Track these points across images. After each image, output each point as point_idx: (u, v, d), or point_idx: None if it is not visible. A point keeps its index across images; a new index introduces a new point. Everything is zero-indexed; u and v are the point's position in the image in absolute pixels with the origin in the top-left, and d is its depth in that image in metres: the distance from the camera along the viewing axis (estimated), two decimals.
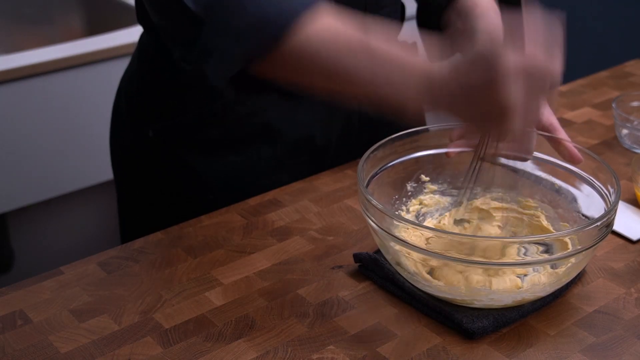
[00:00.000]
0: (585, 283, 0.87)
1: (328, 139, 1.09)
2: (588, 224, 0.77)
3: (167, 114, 1.07)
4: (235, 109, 1.04)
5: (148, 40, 1.07)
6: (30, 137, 1.70)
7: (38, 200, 1.75)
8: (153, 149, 1.09)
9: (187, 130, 1.06)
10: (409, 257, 0.81)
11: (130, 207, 1.18)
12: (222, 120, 1.04)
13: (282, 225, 0.97)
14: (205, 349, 0.77)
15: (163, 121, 1.07)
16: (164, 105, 1.07)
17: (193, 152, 1.06)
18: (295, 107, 1.05)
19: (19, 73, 1.62)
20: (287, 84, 0.86)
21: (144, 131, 1.08)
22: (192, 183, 1.07)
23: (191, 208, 1.06)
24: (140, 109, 1.10)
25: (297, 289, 0.85)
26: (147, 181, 1.12)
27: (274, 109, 1.04)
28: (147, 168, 1.11)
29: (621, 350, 0.77)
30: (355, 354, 0.76)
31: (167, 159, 1.08)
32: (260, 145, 1.06)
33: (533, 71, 0.73)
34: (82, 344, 0.78)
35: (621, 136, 1.16)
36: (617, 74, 1.42)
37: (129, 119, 1.12)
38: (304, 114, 1.05)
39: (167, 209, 1.10)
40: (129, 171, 1.15)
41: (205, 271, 0.88)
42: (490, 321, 0.79)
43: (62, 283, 0.86)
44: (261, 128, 1.05)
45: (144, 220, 1.14)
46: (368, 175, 0.87)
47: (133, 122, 1.11)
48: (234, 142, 1.05)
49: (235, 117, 1.04)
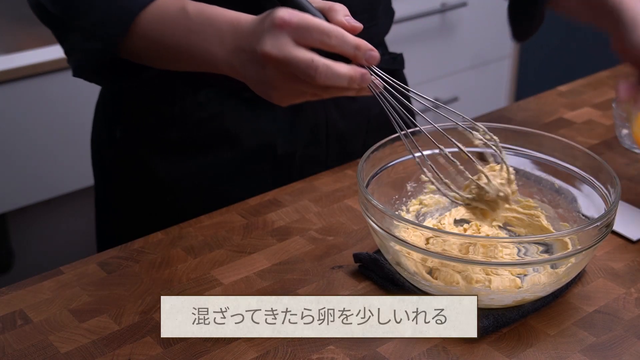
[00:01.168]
0: (585, 283, 0.87)
1: (292, 149, 1.08)
2: (588, 224, 0.77)
3: (132, 115, 1.08)
4: (194, 113, 1.04)
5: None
6: (30, 137, 1.70)
7: (38, 200, 1.75)
8: (121, 151, 1.10)
9: (149, 131, 1.07)
10: (409, 257, 0.81)
11: (105, 212, 1.18)
12: (181, 123, 1.05)
13: (282, 225, 0.97)
14: (205, 349, 0.77)
15: (128, 122, 1.08)
16: (128, 106, 1.08)
17: (154, 154, 1.07)
18: (255, 114, 1.04)
19: (19, 73, 1.62)
20: (154, 66, 0.92)
21: (113, 132, 1.10)
22: (154, 185, 1.08)
23: (156, 212, 1.07)
24: (111, 109, 1.12)
25: (297, 289, 0.85)
26: (119, 184, 1.13)
27: (233, 114, 1.04)
28: (117, 170, 1.12)
29: (621, 350, 0.77)
30: (355, 354, 0.76)
31: (133, 161, 1.09)
32: (219, 151, 1.05)
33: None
34: (82, 344, 0.78)
35: (621, 136, 1.16)
36: (617, 74, 1.42)
37: (103, 120, 1.13)
38: (265, 121, 1.05)
39: (137, 214, 1.11)
40: (104, 174, 1.16)
41: (205, 271, 0.88)
42: (490, 321, 0.79)
43: (62, 283, 0.86)
44: (220, 133, 1.05)
45: (117, 226, 1.14)
46: (368, 175, 0.87)
47: (106, 122, 1.12)
48: (194, 145, 1.06)
49: (195, 120, 1.04)
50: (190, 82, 1.03)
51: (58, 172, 1.75)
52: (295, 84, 0.76)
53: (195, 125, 1.04)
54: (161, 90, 1.05)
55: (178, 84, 1.03)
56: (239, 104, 1.04)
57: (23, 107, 1.67)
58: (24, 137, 1.69)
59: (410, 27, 2.23)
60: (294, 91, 0.77)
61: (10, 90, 1.63)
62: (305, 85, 0.76)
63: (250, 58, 0.77)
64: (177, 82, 1.03)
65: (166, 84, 1.04)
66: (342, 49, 0.74)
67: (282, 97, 0.78)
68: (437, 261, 0.79)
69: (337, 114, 1.09)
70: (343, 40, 0.74)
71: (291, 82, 0.76)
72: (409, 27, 2.23)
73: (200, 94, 1.03)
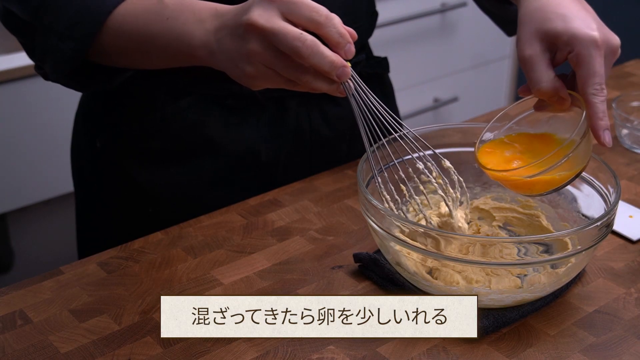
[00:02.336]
0: (585, 283, 0.87)
1: (276, 156, 1.07)
2: (588, 224, 0.77)
3: (111, 124, 1.07)
4: (174, 121, 1.03)
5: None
6: (30, 137, 1.70)
7: (38, 200, 1.75)
8: (101, 160, 1.09)
9: (129, 140, 1.05)
10: (409, 257, 0.81)
11: (85, 219, 1.16)
12: (162, 132, 1.04)
13: (282, 225, 0.97)
14: (205, 349, 0.77)
15: (108, 131, 1.07)
16: (108, 115, 1.07)
17: (135, 164, 1.06)
18: (237, 122, 1.04)
19: (19, 73, 1.62)
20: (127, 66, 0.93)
21: (93, 141, 1.09)
22: (135, 195, 1.06)
23: (138, 221, 1.05)
24: (91, 118, 1.11)
25: (297, 289, 0.85)
26: (99, 192, 1.12)
27: (215, 123, 1.03)
28: (98, 179, 1.11)
29: (621, 350, 0.77)
30: (355, 354, 0.76)
31: (113, 170, 1.07)
32: (201, 159, 1.04)
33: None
34: (82, 344, 0.78)
35: (621, 136, 1.16)
36: (617, 74, 1.42)
37: (83, 129, 1.12)
38: (248, 128, 1.04)
39: (118, 222, 1.10)
40: (84, 182, 1.14)
41: (205, 271, 0.88)
42: (490, 321, 0.79)
43: (62, 283, 0.86)
44: (201, 142, 1.04)
45: (98, 233, 1.13)
46: (368, 176, 0.87)
47: (85, 130, 1.11)
48: (175, 154, 1.05)
49: (176, 129, 1.03)
50: (171, 90, 1.02)
51: (58, 172, 1.75)
52: (275, 60, 0.74)
53: (177, 133, 1.03)
54: (141, 99, 1.03)
55: (158, 93, 1.02)
56: (221, 112, 1.03)
57: (23, 107, 1.67)
58: (24, 137, 1.69)
59: (410, 27, 2.23)
60: (269, 73, 0.75)
61: (10, 90, 1.63)
62: (284, 64, 0.74)
63: (231, 32, 0.76)
64: (157, 91, 1.02)
65: (146, 93, 1.03)
66: (327, 31, 0.73)
67: (255, 76, 0.76)
68: (437, 261, 0.79)
69: (320, 120, 1.08)
70: (331, 22, 0.73)
71: (271, 58, 0.74)
72: (409, 27, 2.23)
73: (182, 102, 1.02)
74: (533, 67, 0.80)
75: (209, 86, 1.01)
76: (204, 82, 1.00)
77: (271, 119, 1.05)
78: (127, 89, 1.03)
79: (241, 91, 1.01)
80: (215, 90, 1.02)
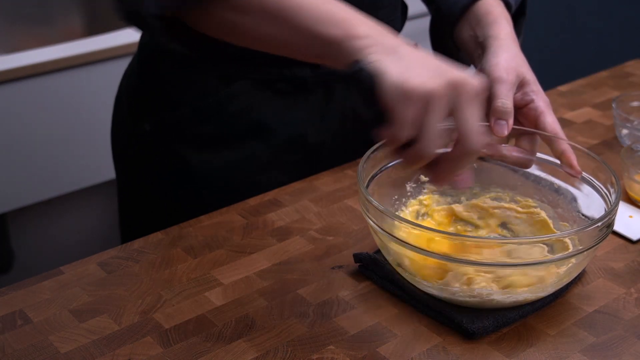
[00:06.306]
0: (585, 283, 0.87)
1: (322, 138, 1.09)
2: (589, 224, 0.77)
3: (163, 108, 1.07)
4: (227, 106, 1.04)
5: (146, 37, 1.09)
6: (30, 137, 1.70)
7: (38, 200, 1.76)
8: (150, 144, 1.09)
9: (181, 125, 1.06)
10: (409, 257, 0.81)
11: (129, 205, 1.18)
12: (215, 116, 1.05)
13: (282, 225, 0.97)
14: (205, 349, 0.77)
15: (158, 115, 1.08)
16: (159, 100, 1.08)
17: (187, 147, 1.07)
18: (287, 105, 1.05)
19: (19, 73, 1.62)
20: (229, 31, 0.83)
21: (141, 125, 1.09)
22: (187, 178, 1.08)
23: (187, 205, 1.07)
24: (138, 103, 1.11)
25: (297, 289, 0.85)
26: (145, 177, 1.12)
27: (266, 106, 1.05)
28: (144, 163, 1.12)
29: (621, 350, 0.77)
30: (355, 354, 0.76)
31: (163, 154, 1.08)
32: (252, 143, 1.06)
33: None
34: (82, 344, 0.78)
35: (621, 136, 1.16)
36: (617, 74, 1.42)
37: (128, 114, 1.13)
38: (296, 112, 1.06)
39: (165, 207, 1.11)
40: (128, 167, 1.15)
41: (205, 271, 0.88)
42: (490, 321, 0.79)
43: (62, 283, 0.86)
44: (253, 125, 1.05)
45: (142, 218, 1.14)
46: (368, 176, 0.87)
47: (132, 116, 1.12)
48: (227, 138, 1.06)
49: (228, 113, 1.04)
50: (224, 75, 1.03)
51: (58, 172, 1.75)
52: (438, 116, 0.68)
53: (228, 118, 1.05)
54: (194, 84, 1.04)
55: (211, 78, 1.03)
56: (271, 95, 1.04)
57: (23, 107, 1.67)
58: (24, 137, 1.69)
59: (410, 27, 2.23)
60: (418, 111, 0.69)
61: (10, 91, 1.63)
62: (436, 121, 0.69)
63: (396, 57, 0.71)
64: (209, 76, 1.03)
65: (199, 78, 1.04)
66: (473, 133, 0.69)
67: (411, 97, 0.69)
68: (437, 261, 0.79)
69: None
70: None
71: (439, 111, 0.68)
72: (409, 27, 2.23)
73: (234, 86, 1.03)
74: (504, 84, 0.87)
75: (261, 71, 1.02)
76: (255, 66, 1.02)
77: (319, 101, 1.06)
78: (182, 76, 1.03)
79: (292, 75, 1.03)
80: (267, 74, 1.03)
